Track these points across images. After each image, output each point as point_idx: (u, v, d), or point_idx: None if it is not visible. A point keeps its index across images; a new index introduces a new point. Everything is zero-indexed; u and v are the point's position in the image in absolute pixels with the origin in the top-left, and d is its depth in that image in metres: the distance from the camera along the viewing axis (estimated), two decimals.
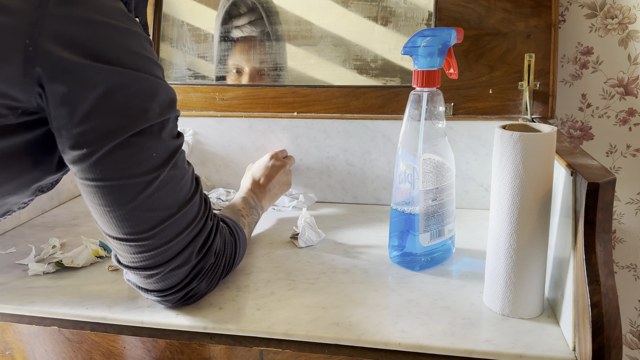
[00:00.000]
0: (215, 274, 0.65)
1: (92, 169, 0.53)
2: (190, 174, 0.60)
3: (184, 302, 0.64)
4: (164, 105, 0.56)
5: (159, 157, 0.55)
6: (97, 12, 0.52)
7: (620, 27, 0.97)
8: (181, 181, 0.58)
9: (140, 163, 0.54)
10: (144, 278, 0.61)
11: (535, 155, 0.57)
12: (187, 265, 0.60)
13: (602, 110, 1.01)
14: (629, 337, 1.09)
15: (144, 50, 0.55)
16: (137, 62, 0.54)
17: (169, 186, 0.56)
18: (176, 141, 0.58)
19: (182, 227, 0.58)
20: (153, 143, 0.55)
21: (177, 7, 1.08)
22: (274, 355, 0.61)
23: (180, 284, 0.61)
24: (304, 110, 1.02)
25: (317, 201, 1.05)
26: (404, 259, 0.75)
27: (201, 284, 0.63)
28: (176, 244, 0.58)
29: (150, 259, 0.58)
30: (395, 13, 1.00)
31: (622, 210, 1.04)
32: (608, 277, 0.52)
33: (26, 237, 0.89)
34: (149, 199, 0.55)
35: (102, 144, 0.52)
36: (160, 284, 0.61)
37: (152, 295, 0.63)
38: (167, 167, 0.56)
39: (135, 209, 0.55)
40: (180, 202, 0.58)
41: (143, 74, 0.54)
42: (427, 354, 0.57)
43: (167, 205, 0.57)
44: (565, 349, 0.56)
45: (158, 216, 0.56)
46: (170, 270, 0.59)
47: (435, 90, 0.72)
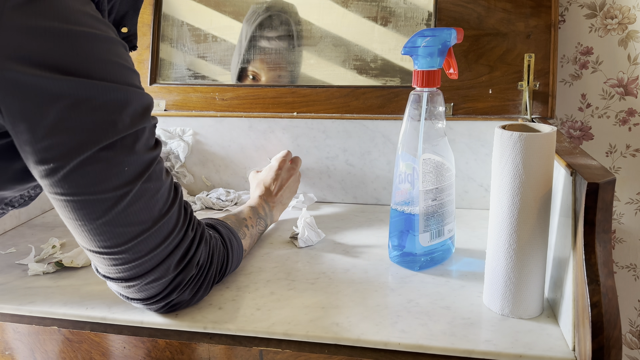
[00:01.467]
0: (201, 285, 0.63)
1: (60, 184, 0.51)
2: (167, 185, 0.57)
3: (168, 311, 0.63)
4: (137, 116, 0.52)
5: (132, 171, 0.52)
6: (59, 19, 0.48)
7: (620, 27, 0.97)
8: (156, 194, 0.55)
9: (111, 178, 0.51)
10: (123, 287, 0.60)
11: (535, 156, 0.57)
12: (164, 278, 0.58)
13: (601, 111, 1.01)
14: (629, 337, 1.09)
15: (115, 56, 0.52)
16: (106, 71, 0.50)
17: (142, 200, 0.54)
18: (152, 153, 0.55)
19: (157, 241, 0.56)
20: (125, 157, 0.52)
21: (177, 7, 1.08)
22: (274, 355, 0.61)
23: (159, 295, 0.60)
24: (304, 110, 1.02)
25: (317, 201, 1.05)
26: (404, 259, 0.75)
27: (183, 294, 0.61)
28: (152, 258, 0.56)
29: (126, 271, 0.57)
30: (395, 13, 1.00)
31: (621, 211, 1.04)
32: (608, 277, 0.52)
33: (26, 237, 0.89)
34: (121, 214, 0.53)
35: (69, 160, 0.50)
36: (140, 294, 0.60)
37: (135, 302, 0.62)
38: (139, 180, 0.53)
39: (106, 224, 0.53)
40: (155, 216, 0.55)
41: (113, 84, 0.51)
42: (426, 354, 0.57)
43: (140, 220, 0.54)
44: (565, 349, 0.56)
45: (131, 231, 0.54)
46: (148, 282, 0.58)
47: (435, 90, 0.72)
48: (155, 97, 1.07)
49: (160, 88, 1.07)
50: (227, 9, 1.06)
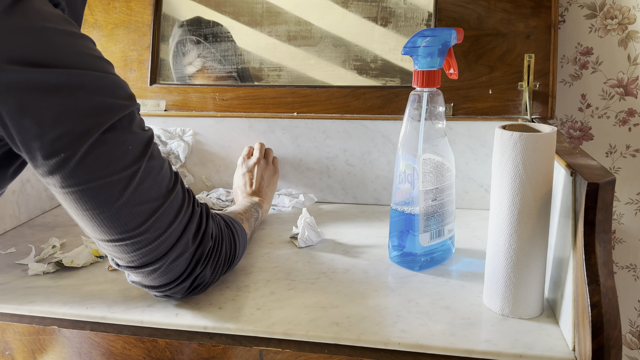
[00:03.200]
0: (219, 261, 0.65)
1: (73, 173, 0.52)
2: (167, 164, 0.60)
3: (191, 292, 0.64)
4: (126, 98, 0.56)
5: (136, 150, 0.55)
6: (39, 19, 0.51)
7: (620, 27, 0.97)
8: (161, 171, 0.58)
9: (119, 158, 0.54)
10: (146, 275, 0.60)
11: (535, 156, 0.57)
12: (186, 252, 0.60)
13: (601, 111, 1.02)
14: (629, 337, 1.09)
15: (92, 50, 0.55)
16: (90, 62, 0.53)
17: (151, 177, 0.56)
18: (147, 132, 0.58)
19: (172, 215, 0.58)
20: (127, 136, 0.54)
21: (177, 7, 1.08)
22: (274, 355, 0.61)
23: (184, 273, 0.61)
24: (304, 111, 1.02)
25: (317, 201, 1.05)
26: (404, 259, 0.75)
27: (205, 270, 0.63)
28: (171, 234, 0.58)
29: (148, 254, 0.58)
30: (395, 13, 1.00)
31: (621, 211, 1.04)
32: (608, 278, 0.52)
33: (26, 237, 0.89)
34: (134, 192, 0.55)
35: (79, 146, 0.51)
36: (165, 277, 0.61)
37: (159, 291, 0.63)
38: (144, 158, 0.56)
39: (124, 205, 0.55)
40: (164, 191, 0.58)
41: (99, 73, 0.54)
42: (426, 353, 0.57)
43: (153, 197, 0.56)
44: (564, 349, 0.56)
45: (147, 209, 0.56)
46: (172, 261, 0.59)
47: (435, 91, 0.72)
48: (155, 97, 1.07)
49: (160, 88, 1.07)
50: (227, 9, 1.06)
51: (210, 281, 0.66)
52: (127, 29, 1.08)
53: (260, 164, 0.97)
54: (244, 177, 0.95)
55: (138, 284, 0.63)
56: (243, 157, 0.99)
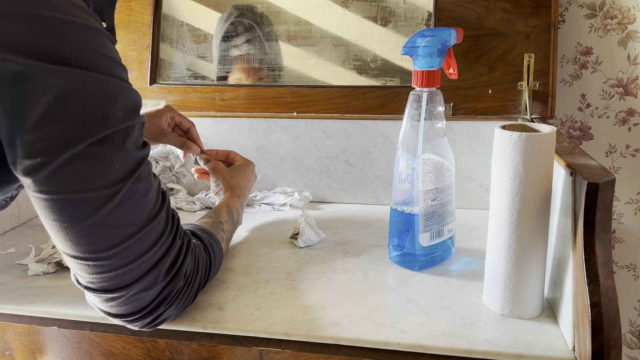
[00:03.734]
0: (186, 298, 0.60)
1: (47, 180, 0.48)
2: (155, 187, 0.55)
3: (150, 327, 0.59)
4: (128, 111, 0.50)
5: (122, 169, 0.50)
6: (48, 7, 0.47)
7: (619, 27, 0.97)
8: (145, 196, 0.53)
9: (101, 175, 0.49)
10: (105, 301, 0.55)
11: (534, 156, 0.57)
12: (153, 288, 0.55)
13: (601, 111, 1.02)
14: (629, 337, 1.09)
15: (105, 49, 0.50)
16: (96, 62, 0.49)
17: (132, 201, 0.51)
18: (141, 151, 0.52)
19: (146, 246, 0.53)
20: (115, 153, 0.49)
21: (177, 7, 1.08)
22: (274, 355, 0.61)
23: (145, 309, 0.56)
24: (304, 111, 1.02)
25: (317, 201, 1.05)
26: (404, 259, 0.75)
27: (169, 309, 0.58)
28: (140, 265, 0.53)
29: (110, 279, 0.53)
30: (394, 13, 1.00)
31: (621, 210, 1.04)
32: (607, 277, 0.52)
33: (26, 237, 0.89)
34: (109, 215, 0.50)
35: (58, 154, 0.47)
36: (123, 308, 0.55)
37: (116, 319, 0.57)
38: (130, 180, 0.51)
39: (93, 225, 0.50)
40: (144, 219, 0.52)
41: (103, 76, 0.49)
42: (426, 354, 0.57)
43: (129, 223, 0.51)
44: (564, 349, 0.56)
45: (119, 234, 0.51)
46: (135, 293, 0.54)
47: (435, 90, 0.72)
48: (155, 97, 1.07)
49: (160, 88, 1.07)
50: (227, 9, 1.06)
51: (174, 316, 0.61)
52: (127, 29, 1.08)
53: (209, 165, 0.89)
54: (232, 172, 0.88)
55: (94, 306, 0.58)
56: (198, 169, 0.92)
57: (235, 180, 0.87)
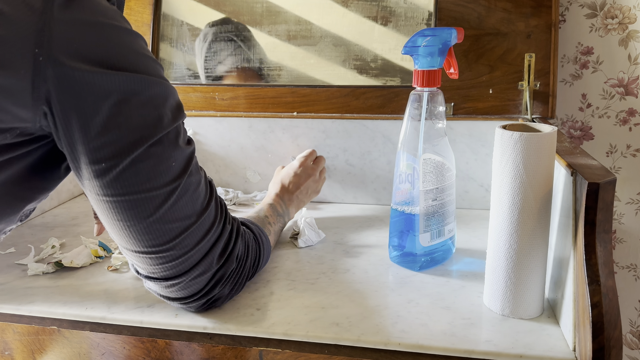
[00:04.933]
0: (239, 280, 0.64)
1: (113, 184, 0.51)
2: (204, 179, 0.58)
3: (207, 308, 0.63)
4: (175, 110, 0.54)
5: (178, 166, 0.53)
6: (100, 14, 0.50)
7: (620, 27, 0.97)
8: (198, 188, 0.56)
9: (162, 174, 0.52)
10: (165, 287, 0.60)
11: (535, 155, 0.57)
12: (208, 272, 0.59)
13: (602, 110, 1.01)
14: (629, 337, 1.09)
15: (147, 51, 0.53)
16: (145, 64, 0.51)
17: (188, 195, 0.55)
18: (190, 147, 0.56)
19: (201, 234, 0.57)
20: (172, 152, 0.53)
21: (177, 7, 1.08)
22: (274, 355, 0.61)
23: (202, 291, 0.60)
24: (304, 110, 1.02)
25: (318, 201, 1.05)
26: (404, 259, 0.75)
27: (224, 289, 0.62)
28: (196, 252, 0.57)
29: (171, 269, 0.57)
30: (395, 13, 1.00)
31: (622, 211, 1.04)
32: (608, 278, 0.52)
33: (25, 237, 0.89)
34: (170, 210, 0.53)
35: (122, 158, 0.50)
36: (183, 292, 0.60)
37: (175, 302, 0.62)
38: (185, 175, 0.54)
39: (156, 221, 0.53)
40: (198, 209, 0.56)
41: (153, 77, 0.52)
42: (426, 354, 0.57)
43: (186, 215, 0.55)
44: (565, 349, 0.56)
45: (179, 227, 0.55)
46: (192, 278, 0.58)
47: (436, 90, 0.72)
48: None
49: None
50: (226, 9, 1.06)
51: (229, 296, 0.64)
52: None
53: (315, 177, 0.94)
54: (295, 177, 0.91)
55: (153, 292, 0.62)
56: (305, 157, 0.95)
57: (277, 179, 0.92)
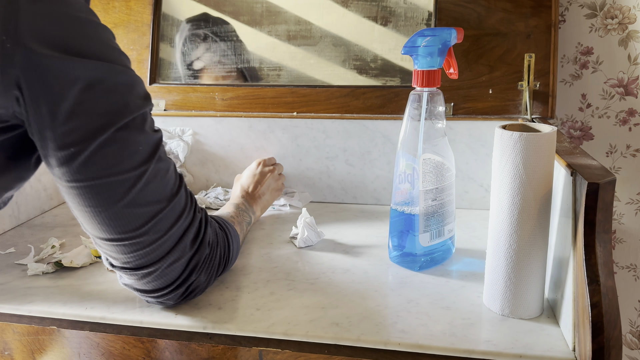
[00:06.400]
0: (212, 266, 0.65)
1: (81, 169, 0.52)
2: (173, 166, 0.60)
3: (184, 299, 0.64)
4: (142, 97, 0.55)
5: (145, 151, 0.55)
6: (67, 6, 0.51)
7: (620, 27, 0.97)
8: (167, 173, 0.58)
9: (129, 158, 0.54)
10: (140, 278, 0.60)
11: (535, 156, 0.57)
12: (183, 258, 0.60)
13: (602, 111, 1.01)
14: (629, 337, 1.09)
15: (114, 42, 0.55)
16: (110, 54, 0.53)
17: (157, 179, 0.56)
18: (158, 134, 0.57)
19: (173, 219, 0.58)
20: (138, 136, 0.54)
21: (177, 7, 1.08)
22: (274, 355, 0.61)
23: (178, 279, 0.61)
24: (304, 110, 1.02)
25: (318, 201, 1.05)
26: (404, 259, 0.75)
27: (200, 276, 0.63)
28: (169, 238, 0.58)
29: (145, 256, 0.58)
30: (395, 13, 1.00)
31: (622, 211, 1.04)
32: (608, 278, 0.52)
33: (25, 237, 0.89)
34: (139, 194, 0.55)
35: (90, 142, 0.51)
36: (158, 282, 0.60)
37: (152, 296, 0.62)
38: (153, 159, 0.56)
39: (127, 205, 0.54)
40: (168, 194, 0.57)
41: (119, 66, 0.53)
42: (426, 354, 0.57)
43: (157, 199, 0.56)
44: (565, 349, 0.56)
45: (150, 211, 0.56)
46: (168, 265, 0.59)
47: (435, 90, 0.72)
48: (154, 97, 1.07)
49: (159, 88, 1.07)
50: (226, 9, 1.06)
51: (205, 286, 0.65)
52: (127, 29, 1.08)
53: (274, 174, 0.97)
54: (254, 178, 0.94)
55: (130, 287, 0.63)
56: (261, 161, 0.98)
57: (237, 184, 0.95)
